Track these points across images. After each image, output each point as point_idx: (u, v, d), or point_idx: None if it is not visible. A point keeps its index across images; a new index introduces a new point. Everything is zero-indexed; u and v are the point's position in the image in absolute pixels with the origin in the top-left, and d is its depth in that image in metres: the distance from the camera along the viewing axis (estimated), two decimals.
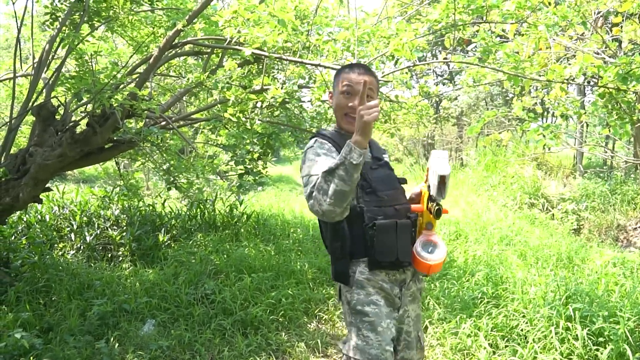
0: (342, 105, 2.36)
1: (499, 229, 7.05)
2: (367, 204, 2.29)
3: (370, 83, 2.24)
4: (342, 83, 2.35)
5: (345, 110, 2.36)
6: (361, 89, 2.13)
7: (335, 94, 2.43)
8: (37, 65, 4.80)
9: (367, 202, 2.29)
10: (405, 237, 2.30)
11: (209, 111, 5.85)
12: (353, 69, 2.36)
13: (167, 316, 4.50)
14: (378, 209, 2.29)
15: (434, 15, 3.84)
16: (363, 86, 2.10)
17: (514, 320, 3.85)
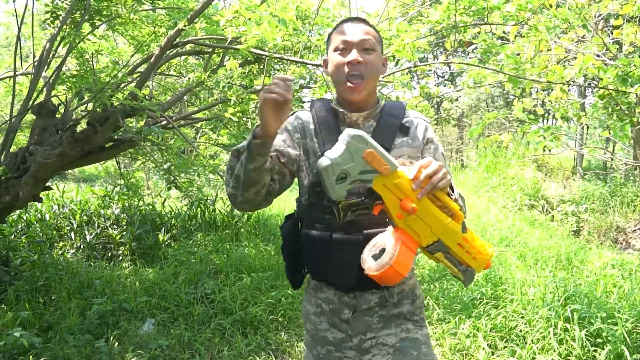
0: (338, 65, 1.79)
1: (498, 230, 7.06)
2: (309, 208, 1.81)
3: (367, 33, 1.78)
4: (334, 40, 1.83)
5: (343, 70, 1.78)
6: (357, 37, 1.76)
7: (328, 55, 1.88)
8: (38, 63, 4.80)
9: (311, 204, 1.80)
10: (344, 256, 1.72)
11: (210, 111, 5.86)
12: (346, 20, 1.86)
13: (167, 315, 4.50)
14: (320, 216, 1.77)
15: (435, 16, 3.85)
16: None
17: (513, 321, 3.85)
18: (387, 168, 1.50)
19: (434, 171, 1.50)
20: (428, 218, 1.54)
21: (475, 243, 1.58)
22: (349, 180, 1.49)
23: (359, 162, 1.49)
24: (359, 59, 1.74)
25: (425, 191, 1.50)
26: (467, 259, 1.59)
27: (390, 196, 1.53)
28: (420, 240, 1.56)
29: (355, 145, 1.47)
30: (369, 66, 1.76)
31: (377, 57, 1.79)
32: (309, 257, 1.85)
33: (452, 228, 1.54)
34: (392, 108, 1.90)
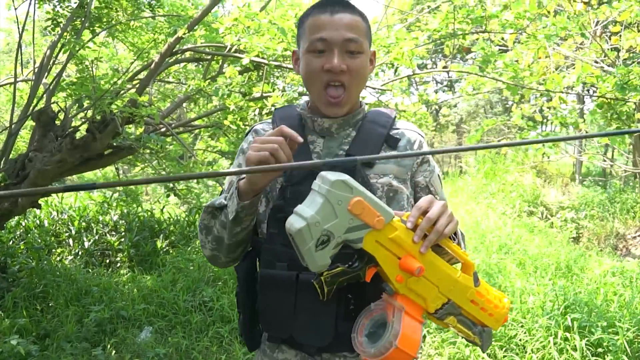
0: (313, 70, 1.39)
1: (497, 237, 7.05)
2: (269, 241, 1.40)
3: (353, 27, 1.37)
4: (310, 32, 1.39)
5: (320, 78, 1.39)
6: (340, 33, 1.35)
7: (301, 54, 1.45)
8: (38, 70, 4.80)
9: (271, 236, 1.39)
10: (317, 304, 1.29)
11: (209, 118, 5.86)
12: (325, 4, 1.40)
13: (165, 323, 4.49)
14: (283, 251, 1.36)
15: (433, 24, 3.85)
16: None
17: (513, 329, 3.84)
18: (381, 220, 1.16)
19: (438, 215, 1.19)
20: (434, 275, 1.22)
21: (489, 296, 1.28)
22: (333, 243, 1.13)
23: (345, 216, 1.13)
24: (341, 66, 1.36)
25: (430, 242, 1.18)
26: (483, 317, 1.28)
27: (386, 255, 1.19)
28: (427, 305, 1.23)
29: (338, 195, 1.12)
30: (353, 74, 1.39)
31: (364, 59, 1.41)
32: (266, 306, 1.39)
33: (463, 283, 1.24)
34: (378, 115, 1.53)
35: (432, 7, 5.56)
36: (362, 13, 1.43)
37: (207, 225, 1.45)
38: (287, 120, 1.50)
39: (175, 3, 5.53)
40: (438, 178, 1.56)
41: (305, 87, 1.47)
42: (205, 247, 1.48)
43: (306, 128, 1.49)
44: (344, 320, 1.33)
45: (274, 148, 1.22)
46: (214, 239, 1.44)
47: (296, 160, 1.32)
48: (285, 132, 1.25)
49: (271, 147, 1.22)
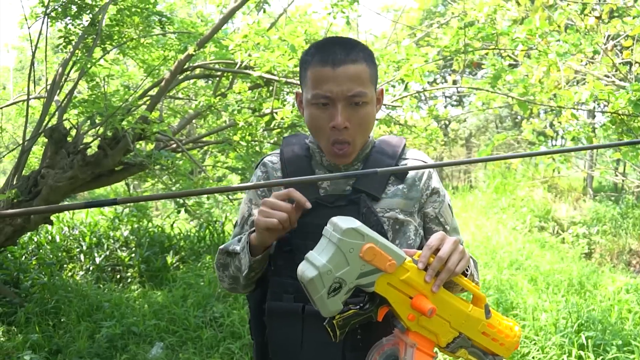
0: (318, 124, 1.38)
1: (508, 253, 7.00)
2: (276, 272, 1.40)
3: (357, 80, 1.33)
4: (312, 81, 1.36)
5: (326, 134, 1.38)
6: (343, 89, 1.32)
7: (304, 102, 1.42)
8: (50, 87, 4.85)
9: (278, 268, 1.40)
10: (323, 336, 1.21)
11: (219, 134, 5.89)
12: (327, 53, 1.33)
13: (176, 339, 4.48)
14: (289, 283, 1.36)
15: (444, 41, 3.87)
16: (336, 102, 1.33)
17: (526, 347, 3.80)
18: (393, 264, 1.15)
19: (449, 253, 1.19)
20: (446, 312, 1.22)
21: (501, 327, 1.29)
22: (345, 289, 1.14)
23: (356, 263, 1.13)
24: (345, 124, 1.34)
25: (442, 281, 1.19)
26: (494, 347, 1.29)
27: (397, 296, 1.19)
28: (438, 340, 1.24)
29: (349, 243, 1.12)
30: (357, 127, 1.37)
31: (369, 108, 1.37)
32: (274, 337, 1.41)
33: (475, 316, 1.24)
34: (386, 146, 1.51)
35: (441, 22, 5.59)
36: (366, 54, 1.38)
37: (223, 263, 1.48)
38: (295, 151, 1.51)
39: (186, 20, 5.59)
40: (448, 207, 1.53)
41: (308, 128, 1.44)
42: (223, 281, 1.51)
43: (313, 160, 1.50)
44: (351, 351, 1.34)
45: (283, 218, 1.25)
46: (231, 277, 1.46)
47: (303, 194, 1.32)
48: (294, 197, 1.27)
49: (280, 216, 1.25)
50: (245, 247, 1.36)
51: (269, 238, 1.31)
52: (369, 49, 1.41)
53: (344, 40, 1.38)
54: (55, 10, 4.79)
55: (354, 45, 1.37)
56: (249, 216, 1.52)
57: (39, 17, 4.91)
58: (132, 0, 4.78)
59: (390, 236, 1.40)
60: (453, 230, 1.52)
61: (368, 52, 1.39)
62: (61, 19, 4.92)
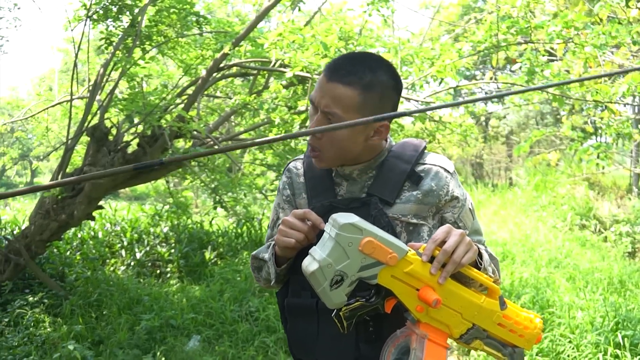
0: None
1: (547, 251, 6.89)
2: (296, 269, 1.40)
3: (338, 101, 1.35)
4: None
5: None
6: (321, 101, 1.36)
7: None
8: (92, 88, 5.01)
9: (298, 266, 1.37)
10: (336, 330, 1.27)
11: (256, 131, 5.98)
12: (336, 64, 1.38)
13: (212, 332, 4.58)
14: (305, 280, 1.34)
15: (477, 36, 3.85)
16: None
17: (560, 345, 3.76)
18: (394, 256, 1.18)
19: (454, 245, 1.20)
20: (456, 303, 1.24)
21: (518, 318, 1.29)
22: (347, 282, 1.18)
23: (356, 256, 1.17)
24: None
25: (448, 273, 1.21)
26: (512, 338, 1.30)
27: (403, 288, 1.22)
28: (451, 331, 1.26)
29: (347, 237, 1.16)
30: (328, 143, 1.40)
31: (343, 132, 1.38)
32: (293, 332, 1.49)
33: (487, 308, 1.26)
34: (404, 149, 1.51)
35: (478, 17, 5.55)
36: (371, 82, 1.35)
37: (257, 267, 1.57)
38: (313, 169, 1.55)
39: (222, 20, 5.69)
40: (469, 212, 1.51)
41: None
42: (259, 281, 1.59)
43: (332, 171, 1.53)
44: (364, 343, 1.38)
45: (299, 238, 1.34)
46: (265, 279, 1.54)
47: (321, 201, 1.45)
48: (310, 218, 1.34)
49: (297, 236, 1.34)
50: (271, 259, 1.45)
51: (289, 253, 1.40)
52: (383, 82, 1.38)
53: (362, 59, 1.39)
54: (97, 13, 4.94)
55: (363, 69, 1.36)
56: (277, 219, 1.59)
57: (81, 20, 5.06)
58: (170, 1, 4.89)
59: (405, 237, 1.42)
60: (474, 233, 1.51)
61: (379, 84, 1.37)
62: (102, 20, 5.07)
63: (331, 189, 1.49)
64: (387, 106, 1.41)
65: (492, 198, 12.61)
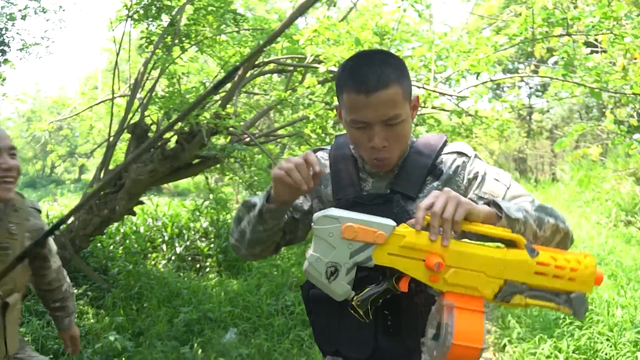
0: (359, 142, 1.44)
1: (589, 247, 6.74)
2: None
3: (390, 103, 1.37)
4: (346, 106, 1.42)
5: (366, 151, 1.45)
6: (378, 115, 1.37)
7: (343, 116, 1.48)
8: (133, 86, 5.15)
9: None
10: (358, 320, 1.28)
11: (294, 127, 6.03)
12: (359, 79, 1.37)
13: (249, 325, 4.65)
14: None
15: (513, 29, 3.79)
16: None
17: (598, 343, 3.68)
18: (381, 234, 1.18)
19: (442, 205, 1.18)
20: (473, 263, 1.19)
21: (559, 262, 1.19)
22: (344, 270, 1.19)
23: (342, 244, 1.18)
24: (384, 144, 1.40)
25: (447, 234, 1.18)
26: (561, 284, 1.20)
27: (408, 263, 1.19)
28: (481, 293, 1.19)
29: (325, 229, 1.18)
30: (394, 143, 1.43)
31: (405, 124, 1.41)
32: (317, 323, 1.55)
33: (515, 259, 1.19)
34: (425, 145, 1.54)
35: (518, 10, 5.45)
36: (397, 71, 1.39)
37: (240, 217, 1.52)
38: (344, 151, 1.59)
39: (259, 17, 5.75)
40: (495, 181, 1.46)
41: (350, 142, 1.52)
42: (232, 235, 1.56)
43: (359, 162, 1.56)
44: (383, 335, 1.41)
45: (289, 168, 1.32)
46: (240, 231, 1.52)
47: (348, 195, 1.47)
48: (308, 159, 1.33)
49: (287, 167, 1.32)
50: (264, 195, 1.43)
51: (283, 193, 1.37)
52: (399, 64, 1.42)
53: (374, 61, 1.40)
54: (137, 12, 5.07)
55: (383, 66, 1.38)
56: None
57: (123, 20, 5.20)
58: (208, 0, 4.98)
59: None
60: (512, 198, 1.43)
61: (399, 67, 1.41)
62: (143, 20, 5.20)
63: (357, 184, 1.51)
64: (410, 80, 1.46)
65: (533, 194, 12.36)
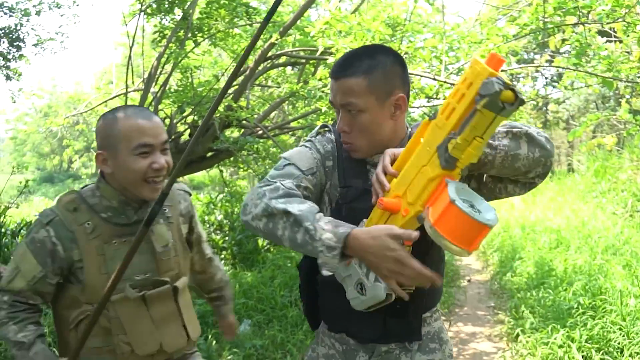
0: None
1: (604, 238, 6.68)
2: None
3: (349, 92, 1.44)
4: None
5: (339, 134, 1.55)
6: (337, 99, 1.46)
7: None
8: (147, 80, 5.20)
9: None
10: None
11: (306, 119, 6.05)
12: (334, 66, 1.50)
13: (263, 317, 4.69)
14: None
15: (523, 18, 3.77)
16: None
17: (611, 332, 3.67)
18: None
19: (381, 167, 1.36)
20: (407, 171, 1.29)
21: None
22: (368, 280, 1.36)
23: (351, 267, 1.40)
24: (344, 128, 1.47)
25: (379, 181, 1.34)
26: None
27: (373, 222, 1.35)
28: (450, 175, 1.22)
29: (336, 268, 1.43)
30: (358, 133, 1.47)
31: (366, 115, 1.44)
32: (326, 305, 1.62)
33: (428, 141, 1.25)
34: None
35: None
36: (371, 66, 1.43)
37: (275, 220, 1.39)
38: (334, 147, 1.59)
39: None
40: None
41: None
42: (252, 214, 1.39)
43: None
44: (391, 317, 1.51)
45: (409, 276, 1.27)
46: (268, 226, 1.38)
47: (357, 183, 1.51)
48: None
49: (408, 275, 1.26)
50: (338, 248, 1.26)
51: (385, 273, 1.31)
52: (384, 61, 1.45)
53: (357, 52, 1.50)
54: (150, 7, 5.11)
55: (361, 58, 1.45)
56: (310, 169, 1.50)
57: (136, 14, 5.25)
58: None
59: None
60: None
61: (381, 64, 1.44)
62: (156, 14, 5.24)
63: (364, 174, 1.54)
64: (395, 79, 1.47)
65: (549, 184, 12.29)
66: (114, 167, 1.65)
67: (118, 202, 1.68)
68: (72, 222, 1.63)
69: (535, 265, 5.72)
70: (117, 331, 1.64)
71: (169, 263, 1.75)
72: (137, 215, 1.70)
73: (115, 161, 1.64)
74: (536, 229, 7.80)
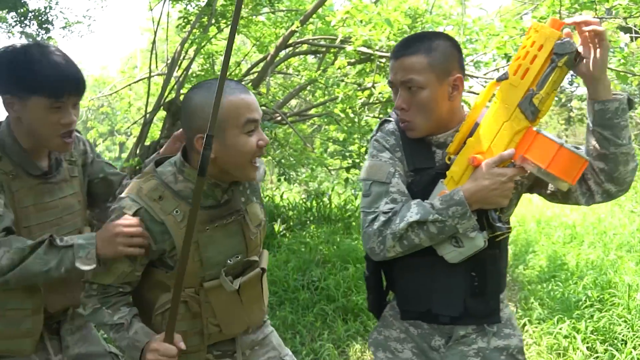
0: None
1: (620, 235, 6.67)
2: None
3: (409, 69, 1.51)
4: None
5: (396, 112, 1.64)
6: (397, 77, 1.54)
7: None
8: (170, 65, 5.32)
9: None
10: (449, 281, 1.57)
11: (325, 107, 6.13)
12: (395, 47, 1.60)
13: (275, 299, 4.80)
14: None
15: (540, 11, 3.80)
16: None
17: (617, 325, 3.71)
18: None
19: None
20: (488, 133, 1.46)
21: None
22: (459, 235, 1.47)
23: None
24: (402, 105, 1.55)
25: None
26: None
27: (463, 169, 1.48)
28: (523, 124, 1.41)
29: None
30: (416, 110, 1.54)
31: (425, 93, 1.51)
32: (407, 287, 1.66)
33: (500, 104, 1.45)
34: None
35: None
36: (430, 46, 1.51)
37: (404, 235, 1.50)
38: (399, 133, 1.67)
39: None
40: None
41: None
42: (387, 250, 1.53)
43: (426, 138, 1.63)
44: (470, 296, 1.57)
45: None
46: (410, 247, 1.52)
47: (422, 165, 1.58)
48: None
49: None
50: (467, 210, 1.44)
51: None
52: (443, 44, 1.53)
53: (417, 36, 1.57)
54: None
55: (421, 40, 1.53)
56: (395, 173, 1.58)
57: (161, 0, 5.36)
58: None
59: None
60: None
61: (440, 46, 1.52)
62: (181, 0, 5.35)
63: (431, 157, 1.60)
64: (453, 62, 1.54)
65: None
66: (218, 151, 1.48)
67: (207, 186, 1.57)
68: (160, 211, 1.53)
69: (547, 259, 5.74)
70: (207, 314, 1.63)
71: (256, 241, 1.72)
72: (228, 195, 1.63)
73: (221, 143, 1.48)
74: (552, 223, 7.79)
